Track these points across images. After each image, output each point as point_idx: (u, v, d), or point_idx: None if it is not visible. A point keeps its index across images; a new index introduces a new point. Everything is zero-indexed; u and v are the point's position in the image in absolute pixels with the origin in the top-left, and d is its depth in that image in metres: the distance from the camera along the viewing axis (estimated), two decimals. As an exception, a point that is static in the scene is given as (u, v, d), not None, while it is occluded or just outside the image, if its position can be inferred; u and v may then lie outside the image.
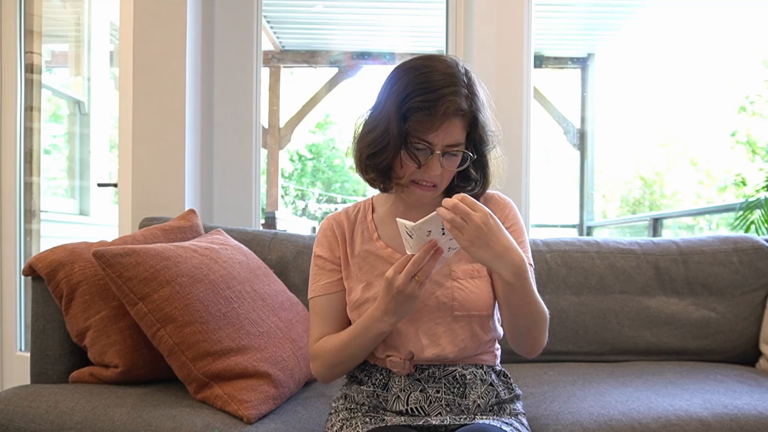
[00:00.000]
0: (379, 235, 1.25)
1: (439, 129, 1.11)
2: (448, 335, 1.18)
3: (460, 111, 1.11)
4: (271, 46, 5.76)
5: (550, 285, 1.82)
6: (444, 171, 1.14)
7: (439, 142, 1.12)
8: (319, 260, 1.26)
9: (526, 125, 2.33)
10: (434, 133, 1.11)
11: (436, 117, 1.09)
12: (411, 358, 1.17)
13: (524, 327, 1.15)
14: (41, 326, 1.51)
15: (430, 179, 1.14)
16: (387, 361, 1.19)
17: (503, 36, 2.33)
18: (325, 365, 1.20)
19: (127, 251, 1.34)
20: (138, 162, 2.12)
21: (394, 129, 1.11)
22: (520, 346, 1.20)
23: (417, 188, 1.16)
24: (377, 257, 1.22)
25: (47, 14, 3.02)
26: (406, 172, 1.15)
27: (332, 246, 1.25)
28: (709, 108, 7.84)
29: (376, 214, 1.28)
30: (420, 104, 1.10)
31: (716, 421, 1.30)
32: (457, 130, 1.12)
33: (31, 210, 2.84)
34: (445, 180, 1.17)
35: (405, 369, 1.17)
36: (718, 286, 1.85)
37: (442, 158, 1.13)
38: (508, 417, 1.20)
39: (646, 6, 5.31)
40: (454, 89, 1.11)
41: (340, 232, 1.26)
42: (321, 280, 1.24)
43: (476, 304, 1.17)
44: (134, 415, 1.26)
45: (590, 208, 5.93)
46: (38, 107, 2.86)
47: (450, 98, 1.10)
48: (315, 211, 11.00)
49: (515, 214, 1.26)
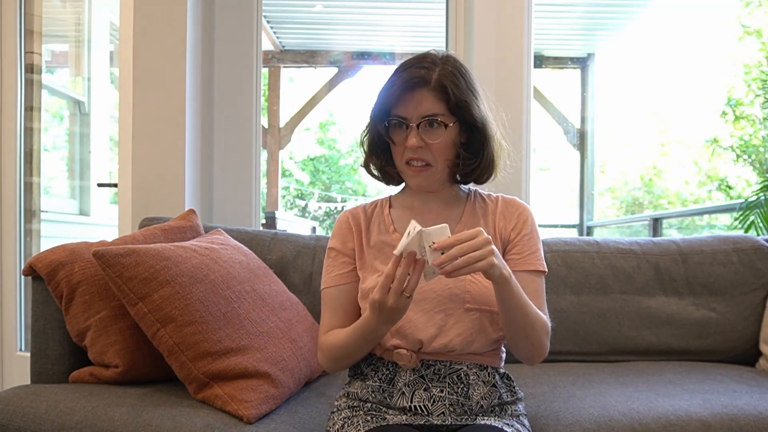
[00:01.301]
0: (396, 228, 1.28)
1: (405, 100, 1.16)
2: (457, 327, 1.18)
3: (423, 80, 1.15)
4: (271, 46, 5.77)
5: (550, 285, 1.82)
6: (431, 146, 1.17)
7: (411, 114, 1.16)
8: (332, 252, 1.29)
9: (526, 125, 2.33)
10: (403, 105, 1.16)
11: (398, 89, 1.15)
12: (418, 349, 1.19)
13: (521, 330, 1.15)
14: (41, 326, 1.51)
15: (415, 155, 1.18)
16: (394, 353, 1.20)
17: (503, 36, 2.33)
18: (329, 358, 1.22)
19: (127, 251, 1.34)
20: (138, 162, 2.12)
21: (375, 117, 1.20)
22: (519, 351, 1.20)
23: (409, 169, 1.20)
24: (393, 248, 1.23)
25: (47, 14, 3.02)
26: (397, 154, 1.21)
27: (345, 238, 1.28)
28: (709, 108, 7.86)
29: (394, 209, 1.31)
30: (387, 85, 1.18)
31: (716, 421, 1.30)
32: (427, 102, 1.16)
33: (31, 210, 2.84)
34: (438, 159, 1.19)
35: (411, 362, 1.18)
36: (718, 286, 1.85)
37: (421, 132, 1.16)
38: (510, 418, 1.21)
39: (646, 6, 5.31)
40: (419, 64, 1.17)
41: (355, 224, 1.29)
42: (333, 271, 1.27)
43: (488, 298, 1.18)
44: (134, 415, 1.26)
45: (590, 208, 5.93)
46: (38, 107, 2.86)
47: (411, 70, 1.16)
48: (315, 210, 11.00)
49: (533, 221, 1.27)
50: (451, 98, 1.16)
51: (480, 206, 1.29)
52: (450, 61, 1.20)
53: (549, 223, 6.71)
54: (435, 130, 1.16)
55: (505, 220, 1.26)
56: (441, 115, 1.16)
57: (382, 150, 1.25)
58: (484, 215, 1.28)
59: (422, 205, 1.28)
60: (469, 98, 1.18)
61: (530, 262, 1.23)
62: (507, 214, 1.27)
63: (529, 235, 1.24)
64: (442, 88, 1.16)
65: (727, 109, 6.84)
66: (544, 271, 1.24)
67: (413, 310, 1.18)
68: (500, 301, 1.11)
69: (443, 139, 1.17)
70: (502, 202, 1.29)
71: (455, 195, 1.30)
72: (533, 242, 1.24)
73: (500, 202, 1.29)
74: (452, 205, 1.29)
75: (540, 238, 1.27)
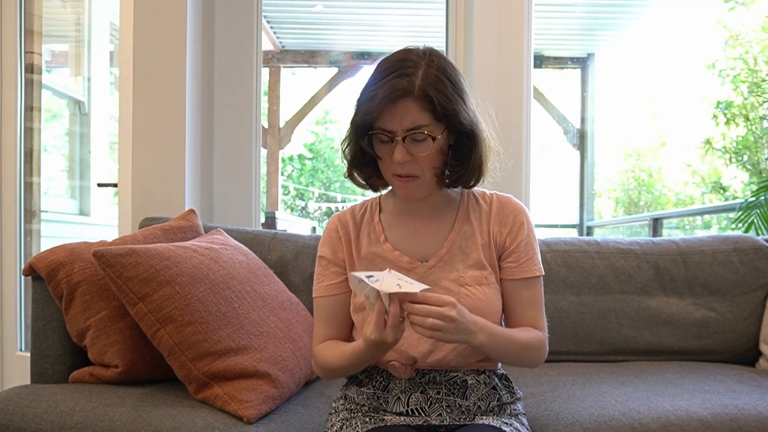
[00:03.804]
0: (386, 237, 1.23)
1: (389, 113, 1.08)
2: None
3: (405, 91, 1.07)
4: (271, 46, 5.77)
5: (550, 285, 1.82)
6: (418, 159, 1.11)
7: (397, 127, 1.09)
8: (322, 261, 1.25)
9: (526, 125, 2.33)
10: (387, 118, 1.08)
11: (380, 102, 1.07)
12: (413, 363, 1.16)
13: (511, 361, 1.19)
14: (41, 326, 1.51)
15: (402, 170, 1.12)
16: (388, 365, 1.18)
17: (503, 36, 2.32)
18: (323, 370, 1.21)
19: (127, 251, 1.34)
20: (138, 162, 2.12)
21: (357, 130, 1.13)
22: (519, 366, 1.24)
23: (397, 181, 1.15)
24: (384, 260, 1.21)
25: (47, 14, 3.01)
26: (384, 167, 1.15)
27: (336, 248, 1.24)
28: (702, 110, 7.87)
29: (384, 213, 1.26)
30: (366, 96, 1.10)
31: (716, 421, 1.30)
32: (412, 113, 1.08)
33: (31, 210, 2.84)
34: (426, 169, 1.13)
35: (406, 373, 1.17)
36: (718, 286, 1.85)
37: (407, 144, 1.09)
38: (509, 417, 1.20)
39: (646, 6, 5.31)
40: (401, 71, 1.08)
41: (344, 233, 1.24)
42: (324, 281, 1.24)
43: (483, 311, 1.14)
44: (134, 415, 1.26)
45: (590, 208, 5.93)
46: (38, 107, 2.86)
47: (392, 81, 1.07)
48: (315, 210, 10.99)
49: (529, 223, 1.22)
50: (438, 108, 1.08)
51: (473, 209, 1.23)
52: (433, 62, 1.11)
53: (549, 223, 6.71)
54: (421, 144, 1.10)
55: (500, 225, 1.21)
56: (427, 126, 1.09)
57: (365, 163, 1.18)
58: (478, 220, 1.22)
59: (413, 210, 1.23)
60: (457, 105, 1.10)
61: (527, 268, 1.20)
62: (502, 217, 1.21)
63: (525, 241, 1.20)
64: (426, 97, 1.08)
65: (717, 112, 6.85)
66: (540, 274, 1.21)
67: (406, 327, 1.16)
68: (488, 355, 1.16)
69: (430, 152, 1.11)
70: (496, 202, 1.23)
71: (447, 198, 1.24)
72: (530, 247, 1.20)
73: (494, 203, 1.23)
74: (444, 210, 1.23)
75: (536, 239, 1.23)
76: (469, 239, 1.21)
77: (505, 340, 1.12)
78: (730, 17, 7.54)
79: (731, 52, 7.49)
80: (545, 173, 8.58)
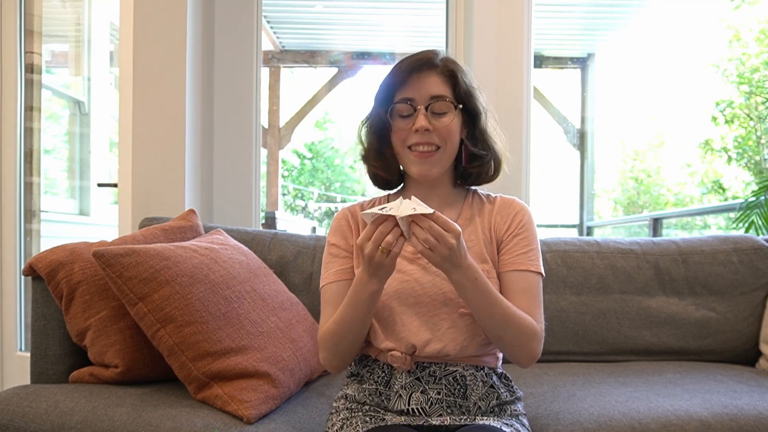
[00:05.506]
0: None
1: (412, 82, 1.15)
2: (451, 332, 1.18)
3: (430, 63, 1.15)
4: (271, 46, 5.77)
5: (550, 285, 1.83)
6: (439, 129, 1.16)
7: (419, 95, 1.15)
8: (332, 248, 1.27)
9: (526, 125, 2.33)
10: (409, 87, 1.15)
11: (405, 71, 1.15)
12: (412, 352, 1.17)
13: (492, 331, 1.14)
14: (41, 326, 1.51)
15: (422, 139, 1.15)
16: (388, 355, 1.19)
17: (503, 36, 2.33)
18: (328, 347, 1.18)
19: (127, 251, 1.34)
20: (138, 162, 2.12)
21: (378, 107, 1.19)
22: (504, 353, 1.21)
23: (413, 155, 1.18)
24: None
25: (47, 14, 3.01)
26: (399, 138, 1.18)
27: (346, 235, 1.27)
28: (702, 110, 7.87)
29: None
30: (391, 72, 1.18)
31: (716, 421, 1.30)
32: (435, 83, 1.16)
33: (31, 210, 2.84)
34: (447, 140, 1.17)
35: (406, 364, 1.17)
36: (718, 286, 1.85)
37: (429, 114, 1.15)
38: (509, 418, 1.20)
39: (646, 6, 5.31)
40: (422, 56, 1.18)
41: (354, 222, 1.28)
42: (333, 267, 1.25)
43: None
44: (134, 415, 1.26)
45: (590, 208, 5.93)
46: (38, 107, 2.86)
47: (417, 56, 1.17)
48: (314, 210, 11.00)
49: (529, 221, 1.25)
50: (460, 84, 1.16)
51: (478, 207, 1.27)
52: (450, 59, 1.22)
53: (549, 223, 6.72)
54: (443, 116, 1.16)
55: (501, 220, 1.25)
56: (447, 97, 1.16)
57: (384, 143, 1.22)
58: (481, 216, 1.26)
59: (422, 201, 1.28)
60: (474, 91, 1.20)
61: (520, 261, 1.20)
62: (503, 213, 1.25)
63: (522, 236, 1.22)
64: (450, 72, 1.16)
65: (716, 113, 6.85)
66: (537, 272, 1.20)
67: (407, 314, 1.17)
68: (465, 302, 1.11)
69: (451, 122, 1.16)
70: (500, 201, 1.28)
71: (454, 194, 1.29)
72: (526, 242, 1.21)
73: (498, 202, 1.28)
74: (450, 205, 1.27)
75: (537, 239, 1.24)
76: (472, 234, 1.24)
77: (490, 298, 1.09)
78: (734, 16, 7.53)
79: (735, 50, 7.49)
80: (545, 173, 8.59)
